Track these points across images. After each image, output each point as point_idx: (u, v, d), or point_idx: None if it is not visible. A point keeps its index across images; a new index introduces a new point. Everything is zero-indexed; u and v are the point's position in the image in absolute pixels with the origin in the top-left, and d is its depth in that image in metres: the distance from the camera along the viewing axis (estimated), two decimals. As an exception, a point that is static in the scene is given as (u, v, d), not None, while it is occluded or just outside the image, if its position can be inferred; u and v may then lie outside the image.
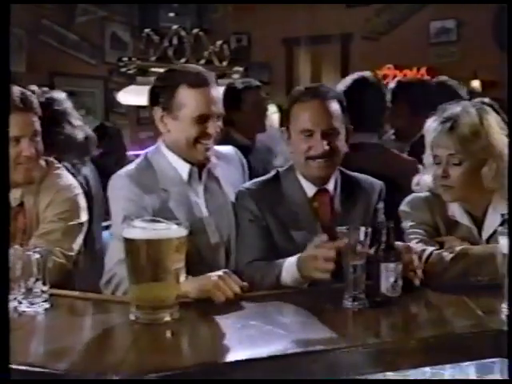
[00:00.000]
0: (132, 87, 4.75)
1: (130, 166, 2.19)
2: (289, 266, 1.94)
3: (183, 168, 2.18)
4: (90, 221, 2.33)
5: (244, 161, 2.44)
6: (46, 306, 1.76)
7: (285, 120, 2.18)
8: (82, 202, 2.25)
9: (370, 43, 8.45)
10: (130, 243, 1.65)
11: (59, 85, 7.28)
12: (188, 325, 1.66)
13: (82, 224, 2.22)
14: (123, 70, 4.61)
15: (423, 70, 7.99)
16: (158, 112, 2.17)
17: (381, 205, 2.18)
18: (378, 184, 2.25)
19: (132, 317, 1.65)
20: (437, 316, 1.76)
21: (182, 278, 1.71)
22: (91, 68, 7.62)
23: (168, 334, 1.61)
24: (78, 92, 7.62)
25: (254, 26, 8.73)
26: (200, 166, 2.20)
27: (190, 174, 2.19)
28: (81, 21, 7.36)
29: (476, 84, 7.55)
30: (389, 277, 1.77)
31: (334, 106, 2.10)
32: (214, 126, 2.14)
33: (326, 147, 2.06)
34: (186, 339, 1.63)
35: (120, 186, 2.13)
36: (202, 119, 2.11)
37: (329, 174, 2.14)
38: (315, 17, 8.18)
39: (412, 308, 1.83)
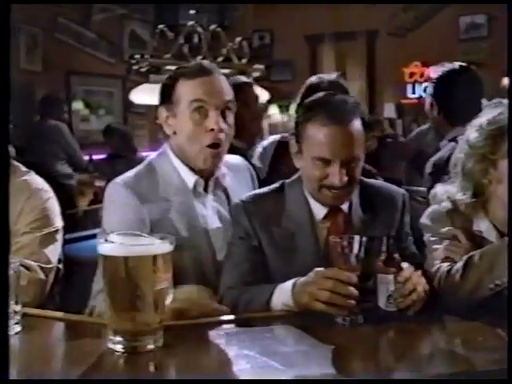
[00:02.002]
0: (145, 86, 4.58)
1: (130, 173, 2.00)
2: (282, 291, 1.69)
3: (189, 178, 1.98)
4: None
5: (253, 171, 2.24)
6: (18, 328, 1.56)
7: (296, 133, 1.86)
8: (55, 205, 2.06)
9: (396, 40, 8.21)
10: (106, 260, 1.45)
11: (75, 84, 7.20)
12: (174, 354, 1.45)
13: (57, 231, 2.03)
14: (135, 67, 4.44)
15: (452, 68, 7.70)
16: (162, 113, 2.00)
17: (407, 219, 1.95)
18: (401, 194, 1.96)
19: (110, 344, 1.45)
20: (456, 347, 1.53)
21: (169, 299, 1.50)
22: (109, 67, 7.49)
23: (151, 367, 1.40)
24: (95, 91, 7.53)
25: (277, 24, 8.55)
26: (207, 176, 2.01)
27: (195, 186, 1.99)
28: (98, 19, 7.22)
29: (507, 81, 7.25)
30: (385, 289, 1.60)
31: (357, 129, 1.77)
32: (215, 120, 1.91)
33: (345, 178, 1.76)
34: (171, 373, 1.42)
35: (115, 194, 1.94)
36: (200, 110, 1.91)
37: (344, 201, 1.87)
38: (339, 13, 7.96)
39: (425, 336, 1.60)
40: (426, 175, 2.86)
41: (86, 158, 6.33)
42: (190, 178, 1.98)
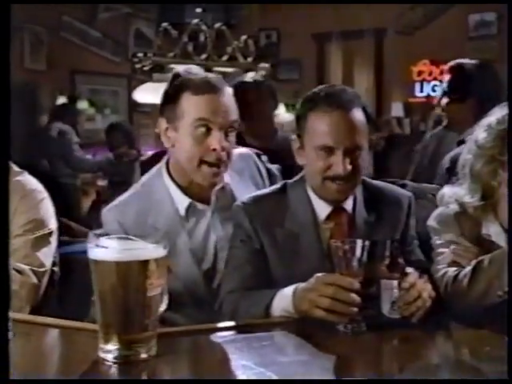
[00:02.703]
0: (148, 85, 4.53)
1: (123, 196, 1.97)
2: (282, 297, 1.62)
3: (182, 202, 1.92)
4: None
5: (260, 164, 2.16)
6: (8, 336, 1.50)
7: (297, 127, 1.82)
8: (49, 207, 2.01)
9: (404, 38, 8.11)
10: (96, 265, 1.38)
11: (80, 83, 7.16)
12: (168, 364, 1.38)
13: (51, 233, 1.98)
14: (138, 66, 4.39)
15: (461, 66, 7.60)
16: (162, 124, 1.92)
17: (413, 222, 1.87)
18: (406, 197, 1.90)
19: (100, 353, 1.39)
20: (463, 356, 1.46)
21: (163, 306, 1.44)
22: (114, 66, 7.44)
23: (144, 377, 1.34)
24: (100, 90, 7.49)
25: (284, 22, 8.48)
26: (207, 189, 1.94)
27: (188, 210, 1.93)
28: (103, 17, 7.18)
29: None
30: (389, 296, 1.54)
31: (358, 117, 1.75)
32: (219, 140, 1.84)
33: (349, 167, 1.71)
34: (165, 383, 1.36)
35: (104, 222, 1.93)
36: (204, 128, 1.84)
37: (348, 195, 1.82)
38: (347, 11, 7.87)
39: (431, 345, 1.53)
40: (443, 170, 2.77)
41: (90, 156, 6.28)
42: (184, 202, 1.92)
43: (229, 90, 1.92)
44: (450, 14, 7.88)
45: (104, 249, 1.38)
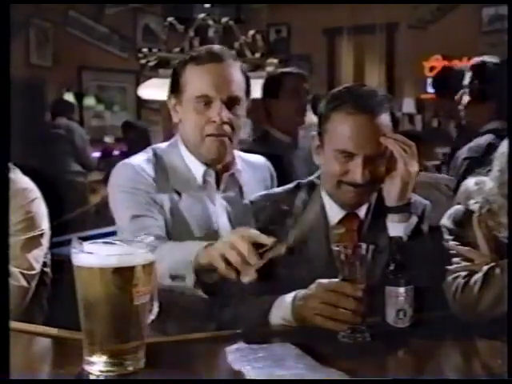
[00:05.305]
0: (154, 80, 4.44)
1: (138, 157, 1.87)
2: (281, 305, 1.54)
3: (198, 169, 1.86)
4: None
5: (274, 174, 2.11)
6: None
7: (319, 125, 1.71)
8: (41, 207, 1.94)
9: (416, 32, 7.99)
10: (80, 271, 1.30)
11: (87, 79, 7.10)
12: (155, 377, 1.30)
13: (42, 234, 1.91)
14: (143, 61, 4.32)
15: (474, 61, 7.48)
16: (172, 100, 1.89)
17: (425, 227, 1.74)
18: (422, 204, 1.78)
19: (85, 366, 1.31)
20: (474, 370, 1.36)
21: (152, 315, 1.36)
22: (122, 62, 7.38)
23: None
24: (107, 87, 7.42)
25: (294, 17, 8.38)
26: (220, 170, 1.89)
27: (205, 178, 1.86)
28: (111, 12, 7.11)
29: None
30: (394, 303, 1.47)
31: (385, 123, 1.63)
32: (218, 112, 1.78)
33: (367, 176, 1.61)
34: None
35: (126, 175, 1.81)
36: (204, 101, 1.79)
37: (364, 202, 1.71)
38: (358, 5, 7.75)
39: (439, 357, 1.42)
40: (460, 161, 2.67)
41: (97, 154, 6.24)
42: (199, 169, 1.86)
43: (235, 63, 1.86)
44: (463, 7, 7.74)
45: (88, 254, 1.30)
